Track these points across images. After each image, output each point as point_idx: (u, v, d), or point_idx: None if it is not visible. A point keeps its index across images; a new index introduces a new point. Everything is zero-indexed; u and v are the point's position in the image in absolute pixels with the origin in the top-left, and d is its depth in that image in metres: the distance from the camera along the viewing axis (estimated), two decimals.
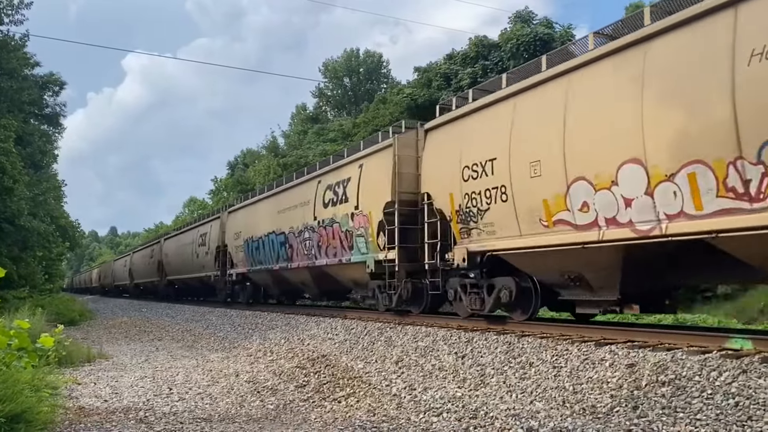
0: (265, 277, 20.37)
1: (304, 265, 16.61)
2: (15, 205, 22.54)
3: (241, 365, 11.33)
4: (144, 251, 41.02)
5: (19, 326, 7.31)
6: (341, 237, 14.57)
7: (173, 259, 32.10)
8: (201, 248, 27.51)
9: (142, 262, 40.37)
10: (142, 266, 40.28)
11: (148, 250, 39.35)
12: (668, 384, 5.99)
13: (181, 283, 31.55)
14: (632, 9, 24.29)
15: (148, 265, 37.68)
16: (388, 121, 28.38)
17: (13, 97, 27.38)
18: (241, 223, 22.18)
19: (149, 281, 37.58)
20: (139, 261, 41.67)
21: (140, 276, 40.64)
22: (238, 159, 58.82)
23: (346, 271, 14.89)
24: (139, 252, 43.57)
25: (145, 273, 38.87)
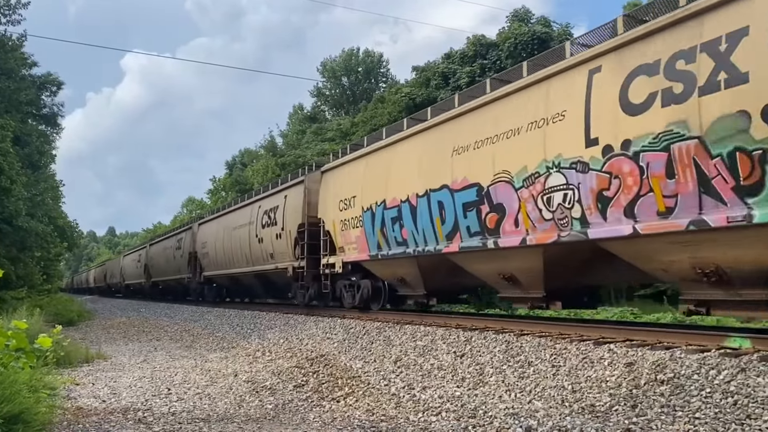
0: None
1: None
2: (13, 206, 22.48)
3: (240, 365, 11.32)
4: (166, 242, 35.47)
5: (17, 327, 7.28)
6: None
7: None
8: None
9: (163, 255, 35.06)
10: (162, 260, 35.17)
11: (173, 239, 33.30)
12: (667, 383, 5.99)
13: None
14: (630, 7, 24.28)
15: (172, 259, 32.83)
16: (386, 120, 28.38)
17: (11, 97, 27.33)
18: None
19: (175, 279, 32.22)
20: (160, 254, 35.90)
21: (162, 273, 35.34)
22: (236, 159, 58.82)
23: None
24: (160, 243, 37.28)
25: (169, 269, 33.33)
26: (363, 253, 13.61)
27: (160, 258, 35.28)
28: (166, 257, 33.44)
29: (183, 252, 29.99)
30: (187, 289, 30.07)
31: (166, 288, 35.35)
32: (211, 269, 26.23)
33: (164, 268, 34.17)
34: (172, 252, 32.15)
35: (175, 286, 32.60)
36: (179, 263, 30.67)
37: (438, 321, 11.14)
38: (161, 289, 36.43)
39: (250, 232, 21.16)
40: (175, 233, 33.53)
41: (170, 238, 33.93)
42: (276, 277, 19.60)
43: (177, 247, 31.41)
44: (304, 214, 16.64)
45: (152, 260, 37.06)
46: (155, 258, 36.52)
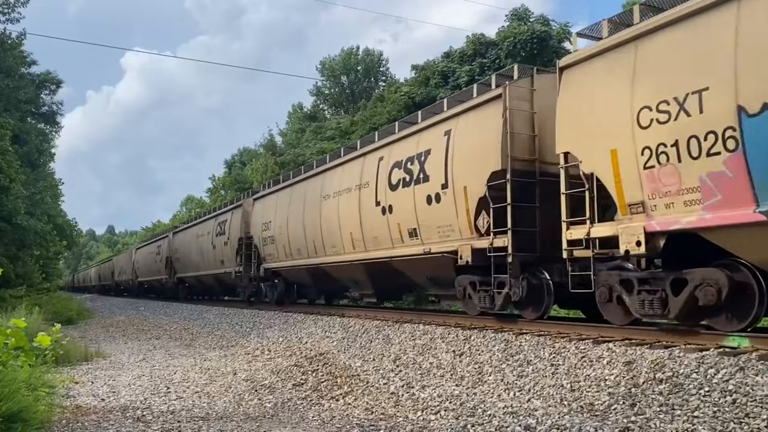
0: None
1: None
2: (12, 204, 22.48)
3: (239, 364, 11.32)
4: (198, 228, 27.49)
5: (16, 325, 7.28)
6: None
7: None
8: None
9: (195, 245, 27.09)
10: (194, 252, 27.20)
11: (210, 223, 25.51)
12: (666, 381, 6.00)
13: None
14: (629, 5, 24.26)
15: (208, 250, 25.22)
16: (385, 119, 28.37)
17: (10, 96, 27.33)
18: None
19: (213, 275, 24.82)
20: (191, 243, 27.94)
21: (192, 267, 27.76)
22: (236, 158, 58.80)
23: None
24: (191, 230, 29.01)
25: (204, 262, 25.95)
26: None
27: (189, 249, 28.14)
28: (200, 248, 26.15)
29: (228, 238, 22.49)
30: (231, 289, 24.15)
31: (196, 286, 29.11)
32: (274, 259, 19.04)
33: (196, 262, 26.99)
34: (209, 240, 24.87)
35: (212, 284, 26.09)
36: (219, 255, 23.56)
37: (437, 320, 11.13)
38: (188, 287, 30.21)
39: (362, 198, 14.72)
40: (214, 215, 25.75)
41: (206, 223, 26.43)
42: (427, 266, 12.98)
43: (219, 233, 23.72)
44: (506, 156, 9.59)
45: (178, 252, 30.36)
46: (182, 249, 29.51)
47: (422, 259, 11.68)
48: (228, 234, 22.61)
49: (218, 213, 25.13)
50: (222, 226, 23.55)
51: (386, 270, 13.13)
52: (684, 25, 7.10)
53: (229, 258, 22.36)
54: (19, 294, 21.98)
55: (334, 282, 16.45)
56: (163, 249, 34.05)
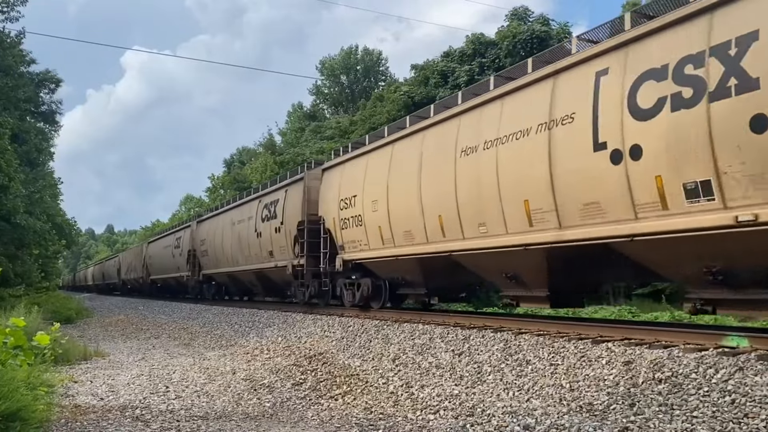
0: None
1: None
2: (11, 203, 22.47)
3: (238, 363, 11.32)
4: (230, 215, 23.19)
5: (15, 324, 7.28)
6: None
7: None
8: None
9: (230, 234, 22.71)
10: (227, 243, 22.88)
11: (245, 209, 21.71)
12: (665, 381, 6.00)
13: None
14: (629, 6, 24.27)
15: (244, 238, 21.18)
16: (385, 119, 28.38)
17: (9, 95, 27.30)
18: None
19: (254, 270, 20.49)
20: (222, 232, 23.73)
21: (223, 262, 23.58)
22: (235, 157, 58.81)
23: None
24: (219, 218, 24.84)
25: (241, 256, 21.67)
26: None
27: (220, 239, 23.53)
28: (237, 237, 21.53)
29: (282, 223, 17.81)
30: (278, 288, 20.16)
31: (228, 285, 24.65)
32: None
33: (231, 255, 22.26)
34: (251, 227, 20.22)
35: (251, 282, 21.61)
36: (266, 244, 18.97)
37: (436, 319, 11.14)
38: (217, 286, 25.73)
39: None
40: (257, 196, 20.89)
41: (245, 206, 21.62)
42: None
43: (267, 217, 19.06)
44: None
45: (205, 243, 25.41)
46: (211, 240, 24.71)
47: None
48: (281, 217, 17.84)
49: (264, 193, 20.14)
50: (271, 207, 18.89)
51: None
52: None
53: (281, 248, 17.81)
54: (18, 293, 21.97)
55: (470, 276, 11.42)
56: (183, 241, 28.71)
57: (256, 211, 20.03)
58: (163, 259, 32.99)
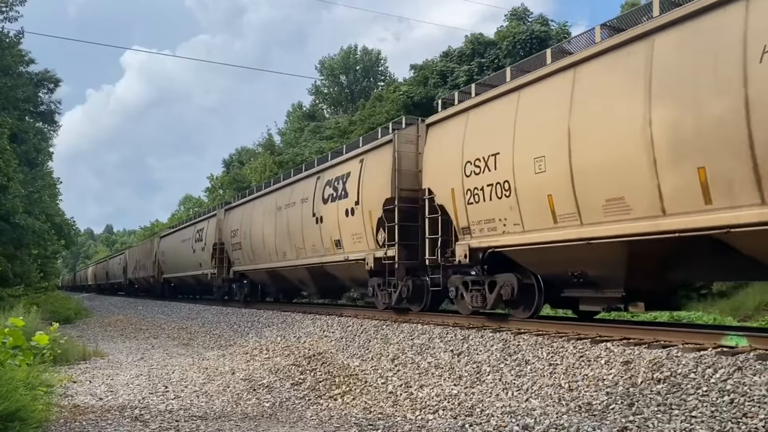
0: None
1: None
2: (10, 203, 22.45)
3: (237, 363, 11.31)
4: (277, 196, 18.70)
5: (14, 324, 7.27)
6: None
7: None
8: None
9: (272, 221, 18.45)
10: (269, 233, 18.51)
11: (309, 181, 16.76)
12: (664, 381, 6.00)
13: None
14: (628, 7, 24.32)
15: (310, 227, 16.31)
16: (384, 119, 28.38)
17: (8, 94, 27.29)
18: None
19: (316, 264, 15.99)
20: (266, 220, 18.96)
21: (280, 254, 18.02)
22: (234, 157, 58.81)
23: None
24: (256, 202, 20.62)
25: (287, 246, 17.54)
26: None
27: (259, 228, 19.29)
28: (283, 226, 17.41)
29: (354, 204, 13.73)
30: (341, 289, 17.97)
31: (268, 285, 20.46)
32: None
33: (274, 248, 17.98)
34: (297, 212, 16.53)
35: (299, 282, 17.96)
36: (330, 232, 14.82)
37: (435, 319, 11.14)
38: (251, 286, 21.24)
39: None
40: (310, 174, 16.67)
41: (289, 189, 17.74)
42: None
43: (333, 196, 14.82)
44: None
45: (238, 234, 21.23)
46: (247, 229, 20.34)
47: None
48: (356, 196, 13.58)
49: (325, 167, 15.63)
50: (338, 184, 14.52)
51: None
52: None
53: (354, 236, 13.62)
54: (17, 293, 21.94)
55: None
56: (207, 233, 24.59)
57: (314, 190, 15.68)
58: (180, 255, 28.71)
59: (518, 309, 10.00)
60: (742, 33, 6.28)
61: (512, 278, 9.68)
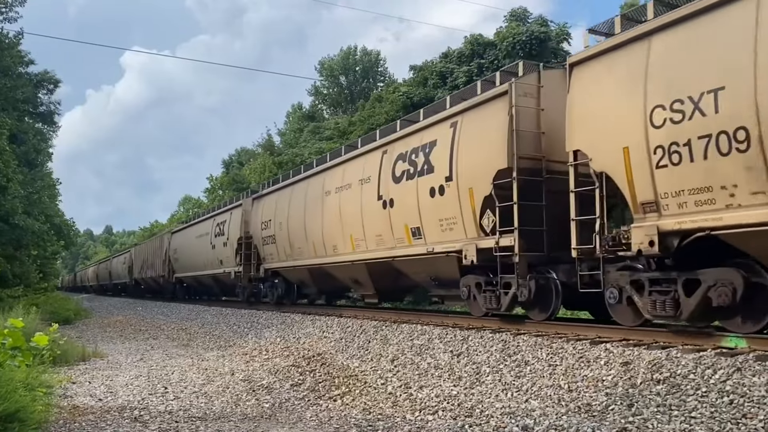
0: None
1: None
2: (9, 204, 22.43)
3: (237, 364, 11.31)
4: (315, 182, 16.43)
5: (13, 325, 7.27)
6: None
7: None
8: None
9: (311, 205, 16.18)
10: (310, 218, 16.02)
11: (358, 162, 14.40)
12: (663, 382, 6.01)
13: None
14: (627, 7, 24.33)
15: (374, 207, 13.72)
16: (383, 119, 28.38)
17: (7, 95, 27.26)
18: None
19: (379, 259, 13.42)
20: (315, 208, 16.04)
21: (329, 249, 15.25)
22: (233, 157, 58.79)
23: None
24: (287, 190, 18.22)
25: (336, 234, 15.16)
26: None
27: (299, 219, 16.45)
28: (335, 212, 14.58)
29: (442, 185, 11.06)
30: (406, 290, 14.93)
31: (306, 284, 17.58)
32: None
33: (322, 240, 15.14)
34: (355, 196, 13.70)
35: (353, 282, 15.01)
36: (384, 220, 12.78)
37: (435, 320, 11.14)
38: (285, 286, 18.44)
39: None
40: (378, 145, 13.51)
41: (342, 167, 14.88)
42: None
43: (423, 170, 11.46)
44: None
45: (267, 227, 18.71)
46: (280, 221, 17.68)
47: None
48: (450, 169, 10.74)
49: (404, 135, 12.42)
50: (422, 153, 11.54)
51: None
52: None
53: (446, 220, 10.84)
54: (16, 294, 21.92)
55: None
56: (230, 227, 21.99)
57: (380, 167, 12.83)
58: (196, 252, 26.09)
59: (733, 321, 7.05)
60: None
61: (733, 275, 6.79)
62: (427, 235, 11.29)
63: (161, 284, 32.17)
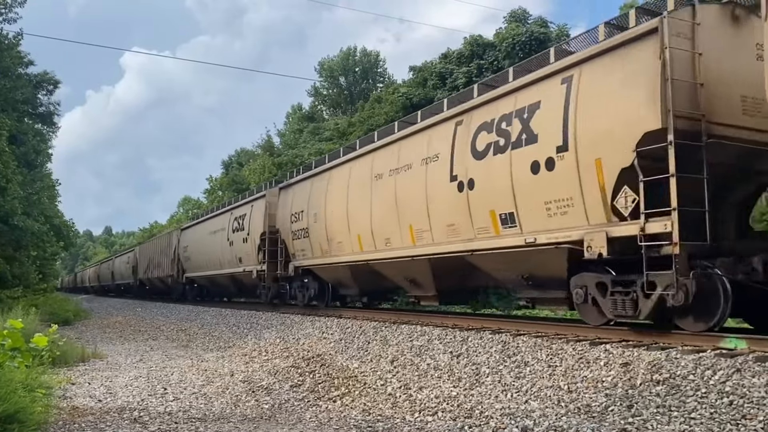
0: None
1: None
2: (8, 205, 22.42)
3: (236, 365, 11.31)
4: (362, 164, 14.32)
5: (13, 326, 7.28)
6: None
7: None
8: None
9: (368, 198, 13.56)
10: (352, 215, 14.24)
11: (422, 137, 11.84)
12: (663, 383, 6.01)
13: None
14: (626, 8, 24.33)
15: None
16: (383, 120, 28.40)
17: (7, 96, 27.25)
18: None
19: None
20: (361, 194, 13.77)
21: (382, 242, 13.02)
22: (233, 158, 58.82)
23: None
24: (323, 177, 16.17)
25: None
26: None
27: (340, 209, 14.38)
28: (384, 199, 12.56)
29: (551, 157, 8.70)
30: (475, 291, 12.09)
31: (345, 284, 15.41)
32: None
33: (373, 232, 13.09)
34: (417, 178, 11.49)
35: (411, 282, 12.62)
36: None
37: (434, 321, 11.13)
38: (317, 286, 16.27)
39: None
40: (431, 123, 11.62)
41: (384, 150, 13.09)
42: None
43: (521, 141, 9.04)
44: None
45: (299, 219, 16.65)
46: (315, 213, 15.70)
47: None
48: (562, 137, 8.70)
49: (487, 100, 10.22)
50: (520, 119, 9.28)
51: None
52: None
53: (556, 203, 8.72)
54: (15, 295, 21.90)
55: None
56: (251, 220, 19.67)
57: (453, 142, 10.70)
58: (210, 250, 23.97)
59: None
60: None
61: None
62: (524, 223, 9.14)
63: (169, 285, 30.35)
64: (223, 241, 22.48)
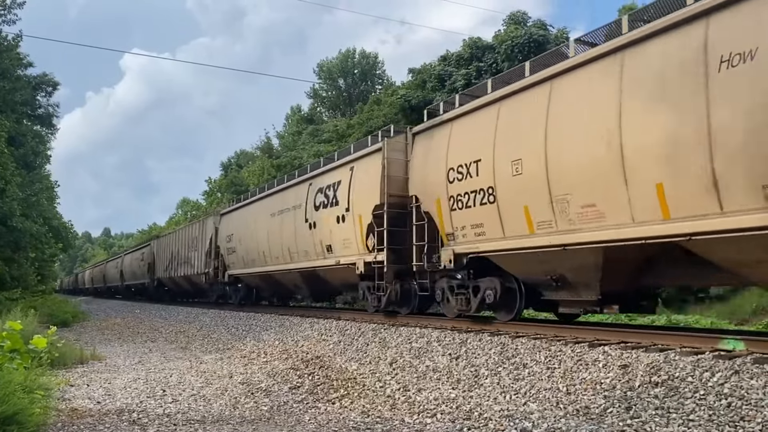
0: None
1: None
2: (7, 206, 22.41)
3: (235, 367, 11.30)
4: None
5: (12, 327, 7.27)
6: None
7: None
8: None
9: None
10: None
11: None
12: (661, 385, 6.02)
13: None
14: (626, 10, 24.40)
15: None
16: (381, 122, 28.42)
17: (6, 98, 27.24)
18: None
19: None
20: None
21: None
22: (232, 160, 58.81)
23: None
24: None
25: None
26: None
27: None
28: None
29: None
30: None
31: None
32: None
33: None
34: None
35: None
36: None
37: (433, 323, 11.14)
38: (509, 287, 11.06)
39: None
40: None
41: None
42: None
43: None
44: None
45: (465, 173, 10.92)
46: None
47: None
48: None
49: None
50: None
51: None
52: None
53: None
54: (14, 296, 21.88)
55: None
56: (353, 189, 13.82)
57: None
58: (269, 238, 18.29)
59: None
60: None
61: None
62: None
63: (201, 286, 25.08)
64: (297, 224, 16.48)
